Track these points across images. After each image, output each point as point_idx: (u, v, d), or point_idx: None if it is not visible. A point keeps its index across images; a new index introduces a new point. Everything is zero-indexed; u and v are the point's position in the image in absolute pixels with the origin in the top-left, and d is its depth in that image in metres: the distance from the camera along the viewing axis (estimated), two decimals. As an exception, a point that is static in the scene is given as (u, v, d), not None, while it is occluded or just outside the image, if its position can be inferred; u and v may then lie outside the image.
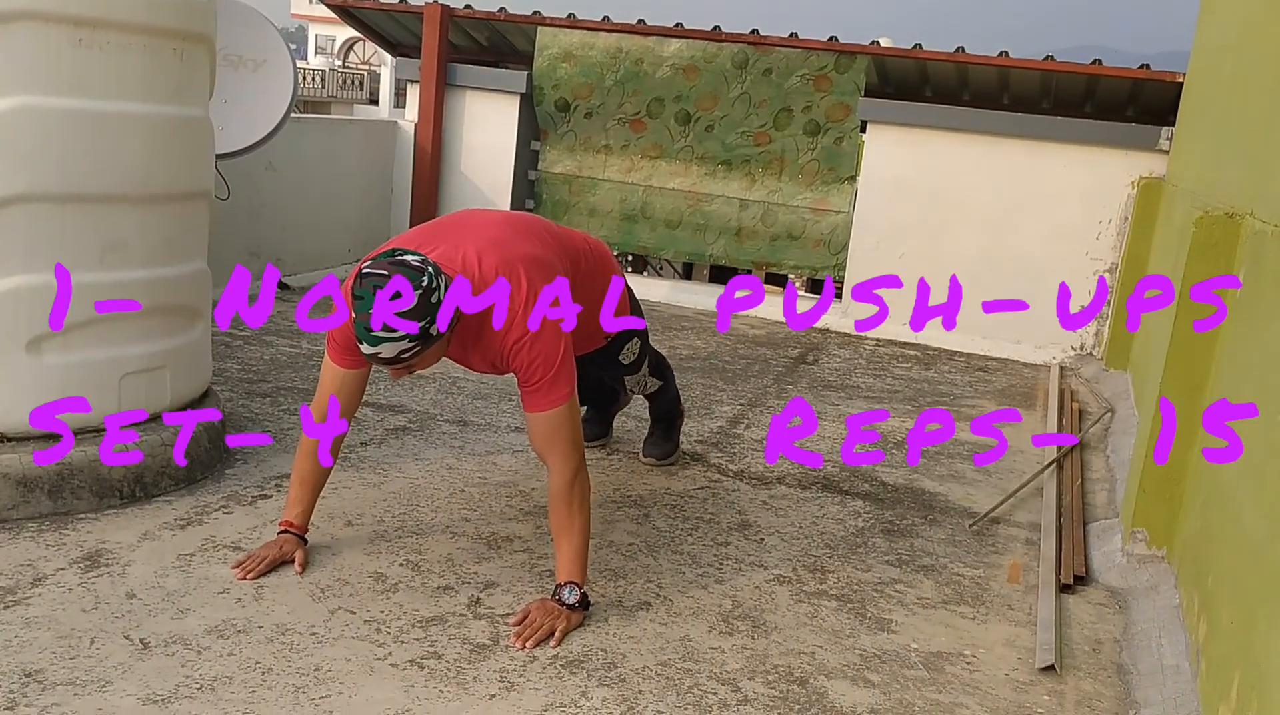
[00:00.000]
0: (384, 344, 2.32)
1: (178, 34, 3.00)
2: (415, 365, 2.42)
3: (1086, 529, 3.48)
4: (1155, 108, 6.43)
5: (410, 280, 2.31)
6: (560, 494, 2.57)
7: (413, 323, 2.31)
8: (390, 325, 2.29)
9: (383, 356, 2.34)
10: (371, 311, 2.29)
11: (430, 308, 2.33)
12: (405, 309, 2.30)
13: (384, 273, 2.31)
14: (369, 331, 2.31)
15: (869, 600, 2.88)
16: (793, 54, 6.62)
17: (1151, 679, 2.47)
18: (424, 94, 7.12)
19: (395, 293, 2.29)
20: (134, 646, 2.30)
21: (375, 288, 2.30)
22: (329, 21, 35.82)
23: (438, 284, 2.35)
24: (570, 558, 2.59)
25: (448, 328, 2.39)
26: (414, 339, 2.33)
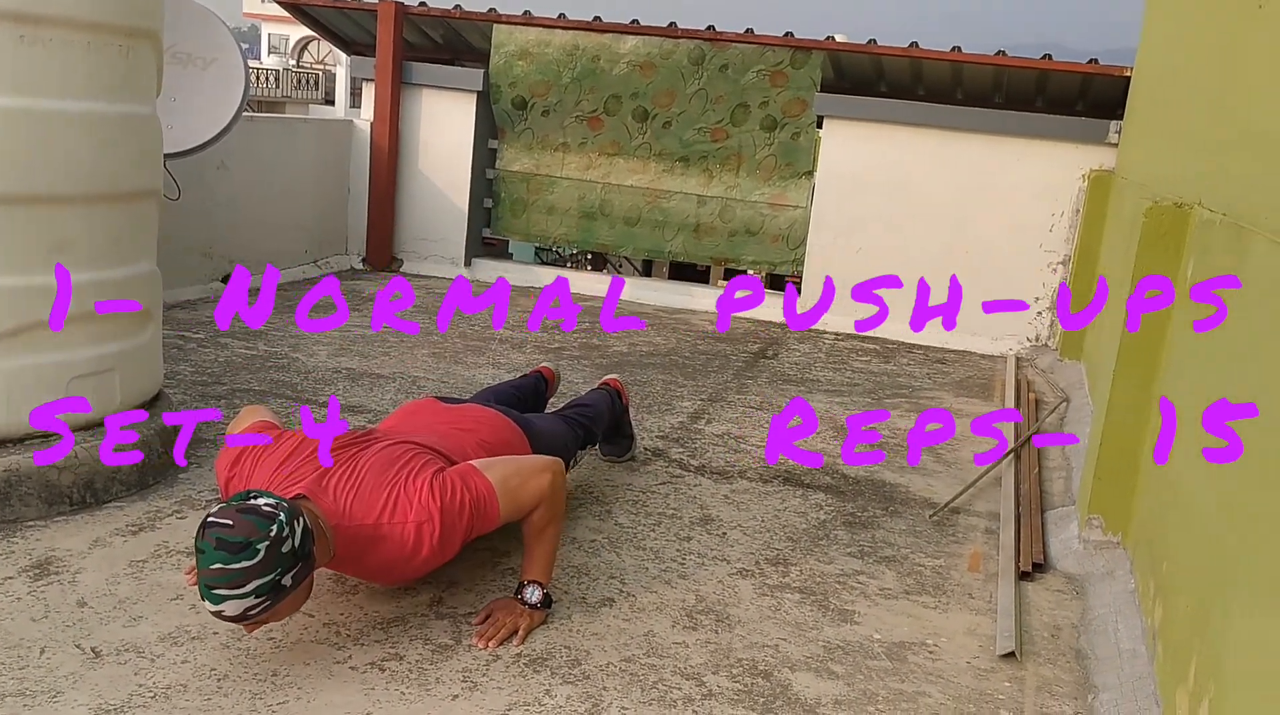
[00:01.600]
0: (227, 603, 2.05)
1: (123, 30, 2.94)
2: (267, 619, 2.16)
3: (1044, 517, 3.51)
4: (1104, 102, 6.52)
5: (257, 534, 2.05)
6: (538, 522, 2.55)
7: (260, 578, 2.05)
8: (232, 582, 2.03)
9: (226, 614, 2.07)
10: (211, 567, 2.03)
11: (281, 559, 2.07)
12: (250, 565, 2.04)
13: (228, 522, 2.06)
14: (210, 589, 2.04)
15: (831, 592, 2.89)
16: (749, 50, 6.63)
17: (1109, 663, 2.50)
18: (379, 92, 7.05)
19: (239, 546, 2.03)
20: (85, 656, 2.25)
21: (218, 540, 2.04)
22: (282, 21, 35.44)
23: (291, 531, 2.10)
24: (538, 560, 2.58)
25: (303, 579, 2.16)
26: (261, 593, 2.06)
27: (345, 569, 2.44)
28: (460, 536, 2.41)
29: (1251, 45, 2.64)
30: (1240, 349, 2.14)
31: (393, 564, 2.40)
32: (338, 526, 2.29)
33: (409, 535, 2.34)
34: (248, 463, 2.48)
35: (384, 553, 2.36)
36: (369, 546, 2.34)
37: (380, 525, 2.33)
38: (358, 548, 2.33)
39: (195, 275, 5.90)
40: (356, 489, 2.34)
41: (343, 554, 2.32)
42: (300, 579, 2.15)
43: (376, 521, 2.32)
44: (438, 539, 2.35)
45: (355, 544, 2.32)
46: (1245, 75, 2.67)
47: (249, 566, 2.04)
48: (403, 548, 2.35)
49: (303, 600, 2.24)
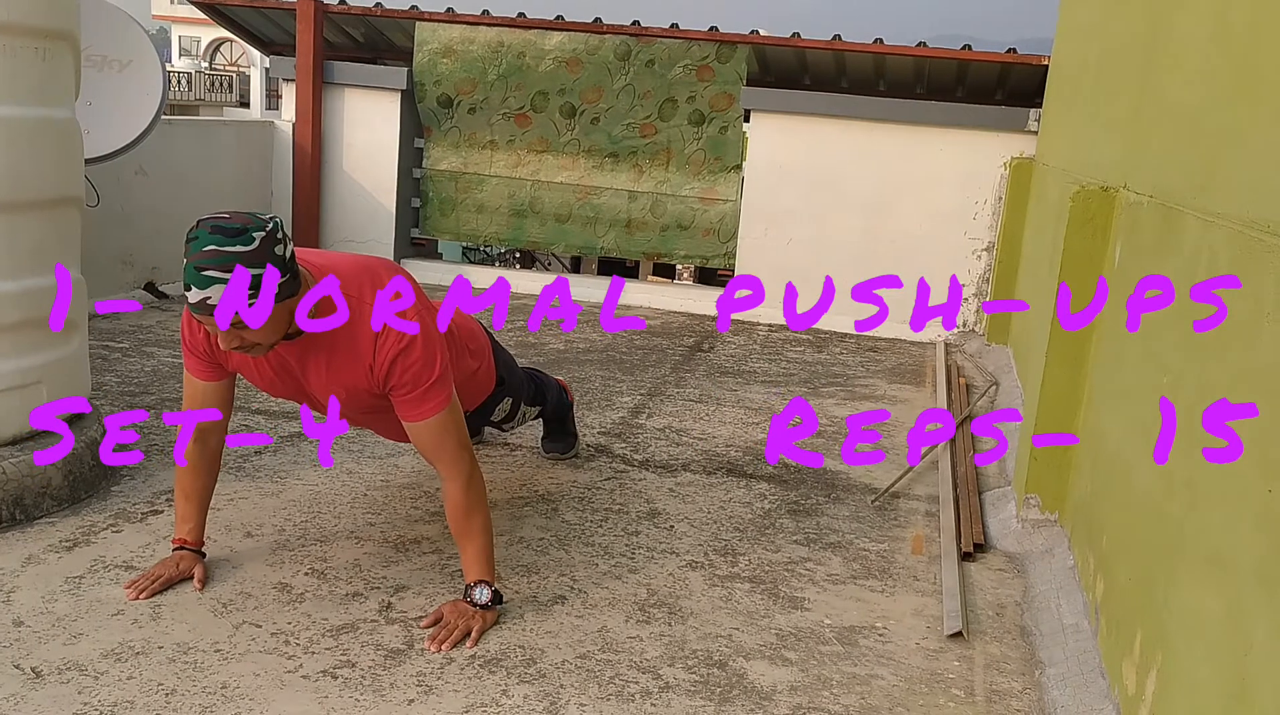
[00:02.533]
0: (214, 287, 2.01)
1: (38, 32, 2.84)
2: (248, 336, 2.13)
3: (982, 498, 3.59)
4: (1023, 91, 6.68)
5: (254, 224, 2.07)
6: (455, 497, 2.50)
7: (251, 267, 2.04)
8: (224, 264, 2.01)
9: (210, 302, 2.03)
10: (205, 248, 2.01)
11: (273, 258, 2.08)
12: (244, 251, 2.02)
13: (225, 215, 2.09)
14: (199, 271, 2.01)
15: (780, 580, 2.92)
16: (674, 44, 6.65)
17: (1054, 638, 2.56)
18: (300, 93, 6.92)
19: (235, 231, 2.04)
20: (25, 676, 2.17)
21: (215, 226, 2.04)
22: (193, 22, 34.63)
23: (284, 238, 2.12)
24: (475, 558, 2.54)
25: (288, 296, 2.14)
26: (251, 287, 2.03)
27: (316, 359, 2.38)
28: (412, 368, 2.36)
29: (1174, 24, 2.72)
30: (1169, 326, 2.21)
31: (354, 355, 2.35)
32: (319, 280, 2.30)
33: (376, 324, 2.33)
34: None
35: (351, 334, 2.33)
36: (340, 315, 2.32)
37: (363, 302, 2.33)
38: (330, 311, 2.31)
39: (117, 283, 5.74)
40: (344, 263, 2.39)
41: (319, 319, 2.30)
42: (285, 293, 2.14)
43: (359, 297, 2.33)
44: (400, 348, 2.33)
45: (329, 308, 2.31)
46: (1167, 54, 2.75)
47: (243, 252, 2.05)
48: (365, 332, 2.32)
49: (279, 332, 2.22)
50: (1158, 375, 2.22)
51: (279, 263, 2.12)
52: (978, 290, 6.39)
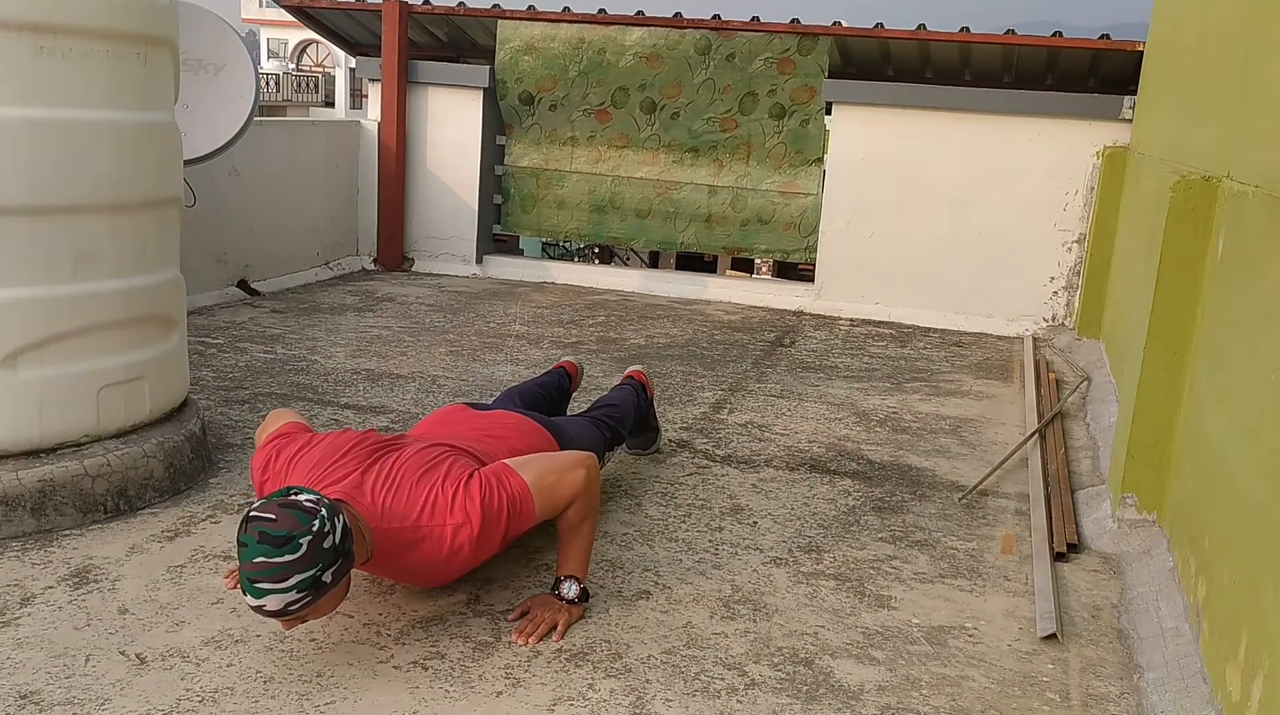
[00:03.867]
0: (269, 596, 2.05)
1: (140, 38, 2.94)
2: (306, 616, 2.16)
3: (1074, 497, 3.50)
4: (1116, 77, 6.49)
5: (299, 528, 2.06)
6: (572, 514, 2.54)
7: (302, 572, 2.06)
8: (276, 575, 2.04)
9: (268, 609, 2.07)
10: (255, 560, 2.03)
11: (322, 554, 2.08)
12: (293, 559, 2.04)
13: (271, 516, 2.07)
14: (252, 583, 2.05)
15: (866, 578, 2.88)
16: (755, 38, 6.61)
17: (1153, 642, 2.49)
18: (386, 92, 7.04)
19: (282, 540, 2.04)
20: (130, 662, 2.25)
21: (261, 534, 2.04)
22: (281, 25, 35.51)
23: (332, 526, 2.10)
24: (574, 554, 2.57)
25: (343, 576, 2.16)
26: (303, 589, 2.07)
27: (382, 570, 2.44)
28: (499, 537, 2.41)
29: (1278, 3, 2.61)
30: (1276, 320, 2.12)
31: (430, 565, 2.40)
32: (376, 528, 2.29)
33: (446, 536, 2.34)
34: (282, 464, 2.48)
35: (421, 554, 2.36)
36: (407, 547, 2.34)
37: (419, 526, 2.33)
38: (396, 548, 2.33)
39: (212, 281, 5.91)
40: (394, 490, 2.34)
41: (381, 554, 2.33)
42: (340, 576, 2.15)
43: (415, 523, 2.33)
44: (475, 540, 2.36)
45: (393, 545, 2.33)
46: (1271, 36, 2.64)
47: (292, 561, 2.05)
48: (440, 549, 2.35)
49: (340, 599, 2.24)
50: (1265, 372, 2.14)
51: (329, 555, 2.11)
52: (1068, 283, 6.23)
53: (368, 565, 2.35)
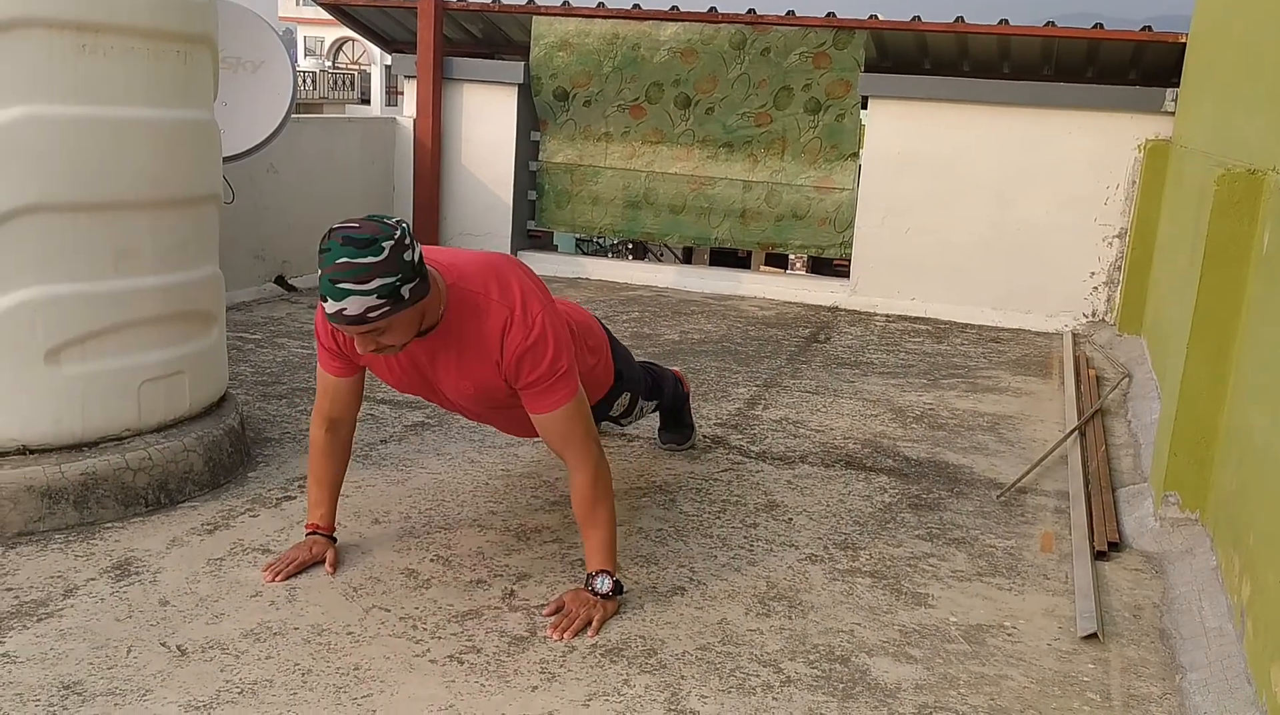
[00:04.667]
0: (349, 298, 2.12)
1: (180, 36, 2.97)
2: (384, 332, 2.22)
3: (1115, 495, 3.46)
4: (1158, 70, 6.39)
5: (382, 233, 2.16)
6: (582, 487, 2.53)
7: (383, 277, 2.13)
8: (358, 276, 2.11)
9: (347, 312, 2.14)
10: (338, 261, 2.11)
11: (403, 265, 2.16)
12: (375, 262, 2.12)
13: (354, 224, 2.17)
14: (334, 283, 2.11)
15: (903, 575, 2.86)
16: (790, 32, 6.57)
17: (1195, 642, 2.45)
18: (421, 89, 7.08)
19: (366, 242, 2.13)
20: (171, 653, 2.28)
21: (345, 238, 2.13)
22: (317, 23, 35.81)
23: (411, 243, 2.20)
24: (598, 548, 2.56)
25: (419, 298, 2.23)
26: (383, 294, 2.14)
27: (445, 355, 2.45)
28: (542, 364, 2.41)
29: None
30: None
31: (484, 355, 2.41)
32: (451, 284, 2.36)
33: (504, 319, 2.38)
34: None
35: (482, 332, 2.39)
36: (471, 317, 2.38)
37: (490, 299, 2.39)
38: (462, 315, 2.38)
39: (250, 277, 5.97)
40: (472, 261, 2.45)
41: (450, 318, 2.37)
42: (417, 296, 2.22)
43: (486, 293, 2.39)
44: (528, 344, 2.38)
45: (462, 307, 2.38)
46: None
47: (375, 262, 2.13)
48: (495, 328, 2.38)
49: (414, 329, 2.30)
50: (1313, 368, 2.10)
51: (408, 268, 2.20)
52: (1109, 278, 6.15)
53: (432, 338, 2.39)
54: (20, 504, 2.77)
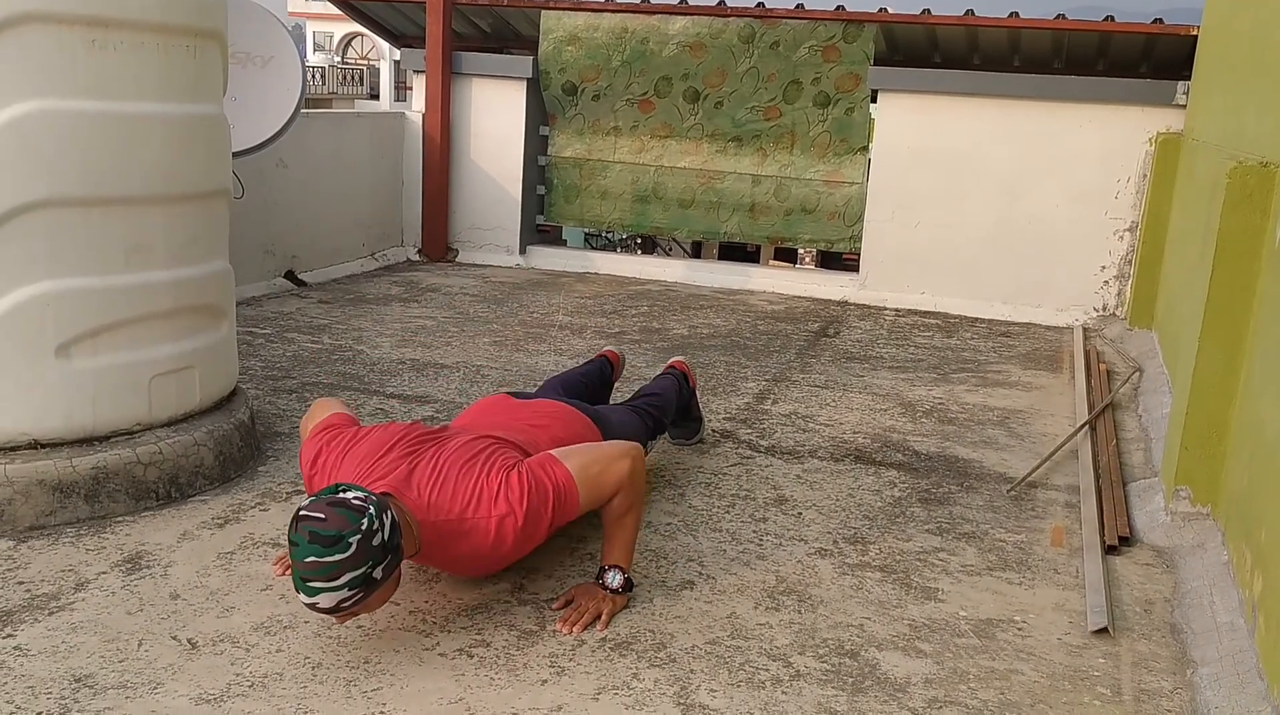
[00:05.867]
0: (322, 595, 2.09)
1: (190, 31, 2.97)
2: (358, 611, 2.20)
3: (1126, 489, 3.45)
4: (1169, 62, 6.36)
5: (349, 527, 2.09)
6: (618, 504, 2.54)
7: (352, 570, 2.09)
8: (327, 575, 2.07)
9: (321, 606, 2.12)
10: (306, 560, 2.07)
11: (372, 552, 2.11)
12: (343, 558, 2.07)
13: (320, 516, 2.09)
14: (305, 581, 2.09)
15: (913, 570, 2.86)
16: (800, 25, 6.56)
17: (1207, 637, 2.44)
18: (430, 83, 7.08)
19: (332, 540, 2.07)
20: (182, 647, 2.29)
21: (312, 535, 2.07)
22: (326, 18, 35.84)
23: (381, 524, 2.13)
24: (618, 545, 2.57)
25: (393, 571, 2.18)
26: (354, 585, 2.10)
27: (431, 561, 2.47)
28: (544, 528, 2.42)
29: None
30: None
31: (476, 556, 2.42)
32: (423, 521, 2.31)
33: (491, 528, 2.35)
34: (332, 458, 2.50)
35: (468, 545, 2.37)
36: (454, 539, 2.36)
37: (464, 519, 2.34)
38: (443, 541, 2.35)
39: (259, 272, 5.98)
40: (440, 484, 2.36)
41: (428, 547, 2.35)
42: (390, 572, 2.18)
43: (460, 516, 2.34)
44: (520, 531, 2.37)
45: (440, 537, 2.34)
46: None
47: (342, 559, 2.08)
48: (486, 540, 2.36)
49: (391, 592, 2.27)
50: (1326, 361, 2.09)
51: (379, 552, 2.13)
52: (1119, 272, 6.13)
53: (416, 557, 2.37)
54: (32, 498, 2.78)
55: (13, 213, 2.68)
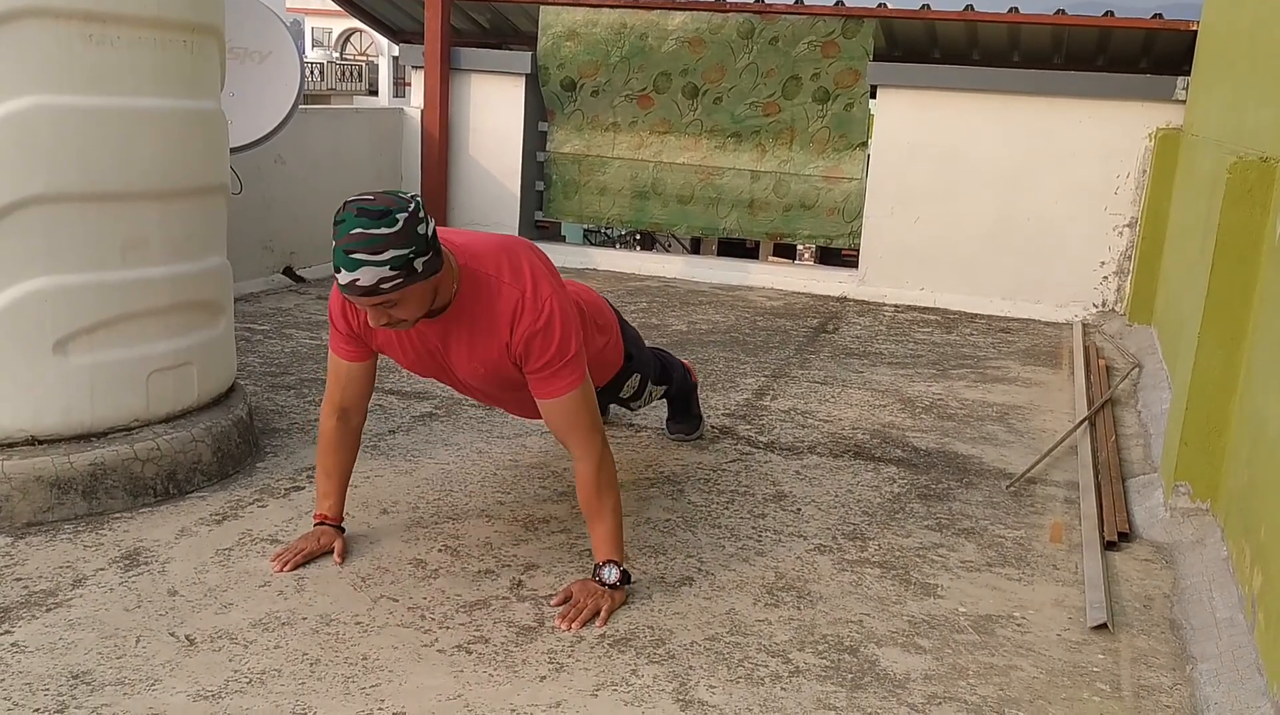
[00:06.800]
0: (362, 268, 2.13)
1: (187, 26, 2.96)
2: (396, 305, 2.23)
3: (1125, 485, 3.44)
4: (1169, 58, 6.34)
5: (397, 206, 2.17)
6: (587, 477, 2.52)
7: (396, 248, 2.14)
8: (372, 246, 2.12)
9: (360, 283, 2.14)
10: (352, 232, 2.13)
11: (416, 238, 2.17)
12: (389, 233, 2.13)
13: (369, 197, 2.18)
14: (348, 254, 2.13)
15: (912, 566, 2.85)
16: (799, 21, 6.54)
17: (1206, 633, 2.44)
18: (429, 79, 7.06)
19: (380, 213, 2.14)
20: (180, 643, 2.28)
21: (360, 209, 2.15)
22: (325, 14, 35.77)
23: (425, 218, 2.22)
24: (605, 538, 2.56)
25: (432, 273, 2.24)
26: (396, 266, 2.14)
27: (455, 335, 2.46)
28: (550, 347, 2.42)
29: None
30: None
31: (493, 334, 2.42)
32: (463, 266, 2.37)
33: (515, 302, 2.39)
34: None
35: (493, 313, 2.40)
36: (484, 298, 2.39)
37: (501, 281, 2.40)
38: (475, 294, 2.39)
39: (258, 268, 5.97)
40: (485, 243, 2.47)
41: (462, 298, 2.38)
42: (429, 271, 2.23)
43: (497, 275, 2.40)
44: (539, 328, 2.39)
45: (475, 287, 2.39)
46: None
47: (388, 234, 2.14)
48: (506, 309, 2.39)
49: (425, 306, 2.30)
50: (1327, 357, 2.08)
51: (422, 241, 2.20)
52: (1119, 268, 6.12)
53: (445, 318, 2.40)
54: (29, 494, 2.77)
55: (10, 208, 2.68)
